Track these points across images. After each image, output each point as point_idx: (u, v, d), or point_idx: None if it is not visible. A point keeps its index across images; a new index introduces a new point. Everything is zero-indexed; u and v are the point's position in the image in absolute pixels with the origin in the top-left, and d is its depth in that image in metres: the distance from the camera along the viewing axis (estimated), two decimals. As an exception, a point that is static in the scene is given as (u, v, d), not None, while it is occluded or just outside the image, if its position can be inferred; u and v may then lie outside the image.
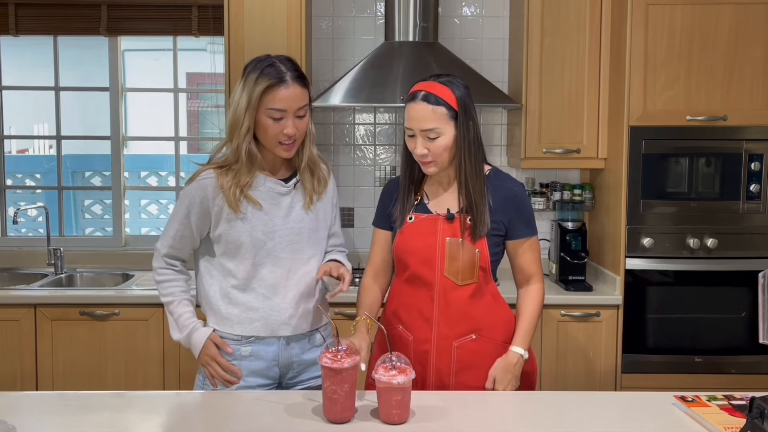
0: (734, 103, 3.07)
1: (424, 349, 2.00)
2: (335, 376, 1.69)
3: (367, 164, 3.71)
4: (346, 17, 3.66)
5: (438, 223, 2.01)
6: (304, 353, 2.06)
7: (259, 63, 1.95)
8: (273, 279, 2.00)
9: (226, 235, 1.99)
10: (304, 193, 2.04)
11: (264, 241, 1.98)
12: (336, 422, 1.71)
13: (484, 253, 1.99)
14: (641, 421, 1.76)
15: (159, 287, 2.07)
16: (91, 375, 3.12)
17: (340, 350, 1.72)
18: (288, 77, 1.92)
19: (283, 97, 1.91)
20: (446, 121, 1.93)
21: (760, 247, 3.12)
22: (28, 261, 3.70)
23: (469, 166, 1.97)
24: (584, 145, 3.33)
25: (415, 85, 2.00)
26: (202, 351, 1.99)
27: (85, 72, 4.10)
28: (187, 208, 2.00)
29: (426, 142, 1.94)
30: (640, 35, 3.05)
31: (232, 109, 1.95)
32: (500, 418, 1.78)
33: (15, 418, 1.69)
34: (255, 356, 2.01)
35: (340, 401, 1.70)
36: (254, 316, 2.00)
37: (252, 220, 1.98)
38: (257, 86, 1.91)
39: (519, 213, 2.03)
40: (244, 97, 1.92)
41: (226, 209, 1.97)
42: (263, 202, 1.99)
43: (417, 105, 1.94)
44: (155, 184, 5.67)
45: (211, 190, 1.98)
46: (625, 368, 3.15)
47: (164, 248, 2.06)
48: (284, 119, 1.92)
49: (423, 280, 2.00)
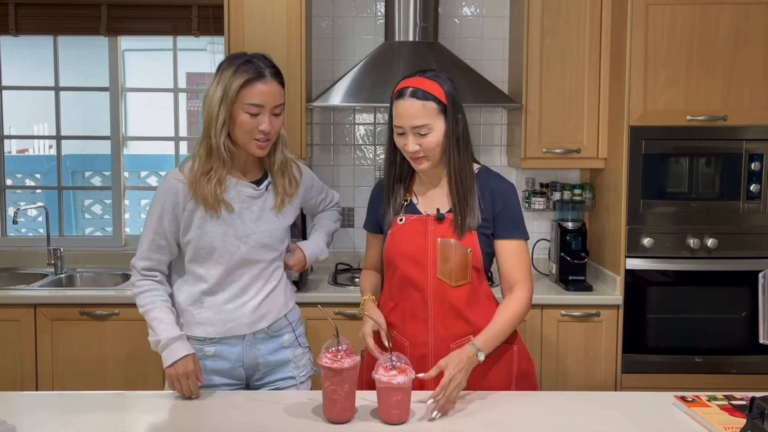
0: (734, 103, 3.07)
1: (422, 353, 1.97)
2: (335, 376, 1.69)
3: (367, 164, 3.71)
4: (346, 17, 3.66)
5: (428, 224, 1.98)
6: (270, 354, 2.05)
7: (235, 59, 1.93)
8: (246, 280, 1.99)
9: (197, 240, 1.95)
10: (276, 195, 2.02)
11: (237, 245, 1.96)
12: (336, 422, 1.71)
13: (476, 252, 1.96)
14: (641, 421, 1.76)
15: (138, 299, 1.99)
16: (91, 375, 3.12)
17: (340, 350, 1.72)
18: (267, 72, 1.90)
19: (262, 91, 1.88)
20: (436, 115, 1.91)
21: (760, 247, 3.12)
22: (28, 261, 3.70)
23: (458, 160, 1.95)
24: (584, 145, 3.33)
25: (400, 82, 1.97)
26: (180, 361, 1.90)
27: (85, 72, 4.10)
28: (160, 214, 1.95)
29: (417, 138, 1.91)
30: (640, 35, 3.05)
31: (206, 105, 1.91)
32: (500, 418, 1.78)
33: (15, 418, 1.69)
34: (219, 356, 2.00)
35: (340, 401, 1.70)
36: (228, 317, 1.99)
37: (224, 225, 1.94)
38: (234, 80, 1.87)
39: (505, 211, 1.99)
40: (219, 91, 1.88)
41: (198, 213, 1.93)
42: (235, 206, 1.96)
43: (406, 102, 1.91)
44: (155, 184, 5.67)
45: (182, 193, 1.93)
46: (625, 368, 3.15)
47: (140, 262, 1.99)
48: (261, 115, 1.89)
49: (415, 283, 1.98)
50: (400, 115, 1.92)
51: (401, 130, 1.93)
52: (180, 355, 1.91)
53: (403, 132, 1.93)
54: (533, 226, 3.65)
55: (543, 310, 3.13)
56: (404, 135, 1.93)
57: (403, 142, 1.94)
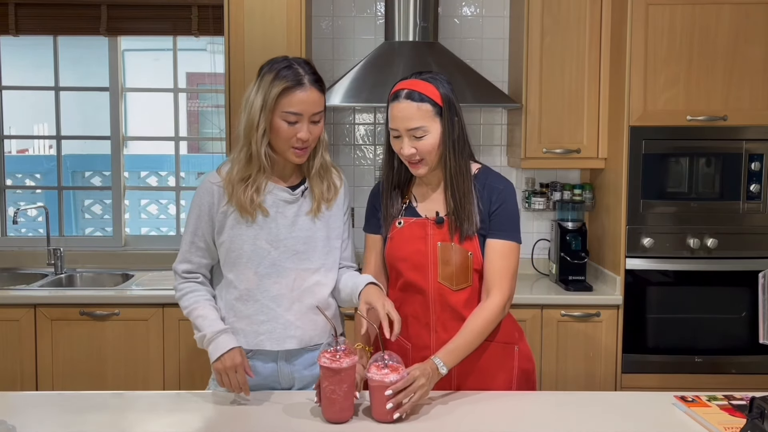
0: (734, 103, 3.07)
1: (424, 356, 1.94)
2: (334, 376, 1.69)
3: (367, 164, 3.71)
4: (346, 17, 3.66)
5: (428, 228, 1.96)
6: (306, 369, 1.97)
7: (276, 64, 1.87)
8: (277, 290, 1.91)
9: (228, 243, 1.91)
10: (312, 201, 1.95)
11: (268, 250, 1.90)
12: (335, 422, 1.71)
13: (476, 255, 1.94)
14: (641, 421, 1.76)
15: (181, 302, 1.95)
16: (91, 375, 3.12)
17: (339, 350, 1.71)
18: (306, 80, 1.85)
19: (300, 100, 1.83)
20: (432, 118, 1.87)
21: (760, 247, 3.12)
22: (28, 261, 3.70)
23: (454, 164, 1.91)
24: (584, 145, 3.33)
25: (396, 84, 1.94)
26: (227, 354, 1.84)
27: (85, 72, 4.10)
28: (197, 216, 1.94)
29: (413, 141, 1.88)
30: (640, 35, 3.05)
31: (247, 111, 1.87)
32: (500, 418, 1.78)
33: (15, 418, 1.69)
34: (253, 371, 1.92)
35: (338, 401, 1.70)
36: (260, 329, 1.92)
37: (256, 228, 1.90)
38: (273, 87, 1.83)
39: (499, 210, 1.95)
40: (259, 98, 1.84)
41: (231, 215, 1.90)
42: (269, 210, 1.91)
43: (401, 104, 1.88)
44: (155, 184, 5.68)
45: (216, 195, 1.91)
46: (625, 368, 3.15)
47: (180, 265, 1.97)
48: (299, 123, 1.85)
49: (417, 287, 1.96)
50: (395, 118, 1.90)
51: (397, 132, 1.90)
52: (226, 348, 1.85)
53: (399, 135, 1.90)
54: (533, 226, 3.65)
55: (543, 310, 3.13)
56: (400, 138, 1.90)
57: (399, 145, 1.91)
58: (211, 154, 3.86)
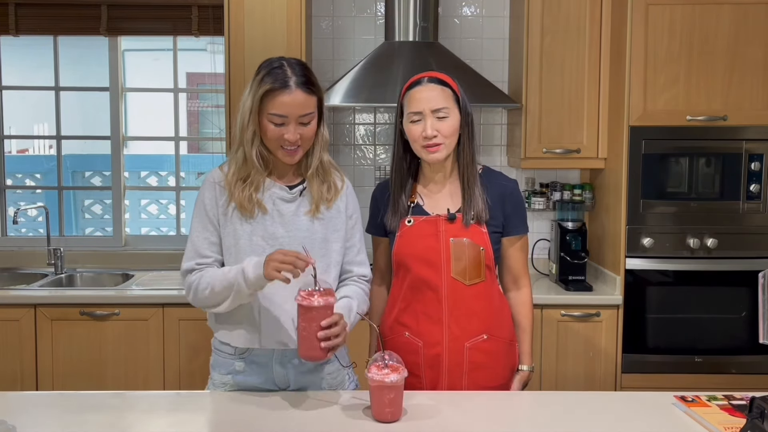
0: (734, 103, 3.07)
1: (436, 353, 1.98)
2: (306, 314, 1.71)
3: (367, 164, 3.71)
4: (346, 17, 3.66)
5: (440, 224, 1.99)
6: (302, 374, 1.95)
7: (266, 65, 1.88)
8: (271, 288, 1.87)
9: (227, 238, 1.91)
10: (311, 201, 1.94)
11: (263, 247, 1.89)
12: (307, 359, 1.76)
13: (488, 251, 1.98)
14: (641, 421, 1.76)
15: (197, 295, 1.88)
16: (91, 375, 3.12)
17: (316, 290, 1.72)
18: (291, 83, 1.83)
19: (283, 102, 1.82)
20: (453, 102, 1.97)
21: (760, 247, 3.12)
22: (28, 261, 3.70)
23: (468, 151, 2.00)
24: (584, 145, 3.33)
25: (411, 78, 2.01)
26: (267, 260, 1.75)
27: (85, 72, 4.10)
28: (203, 209, 1.93)
29: (435, 123, 1.94)
30: (640, 35, 3.05)
31: (240, 112, 1.89)
32: (500, 418, 1.78)
33: (15, 418, 1.69)
34: (248, 373, 1.93)
35: (309, 338, 1.71)
36: (252, 328, 1.91)
37: (253, 225, 1.90)
38: (259, 89, 1.83)
39: (514, 208, 2.05)
40: (249, 100, 1.85)
41: (231, 210, 1.91)
42: (267, 207, 1.91)
43: (425, 87, 1.96)
44: (155, 184, 5.67)
45: (218, 189, 1.92)
46: (625, 368, 3.15)
47: (186, 263, 1.92)
48: (285, 125, 1.84)
49: (428, 283, 1.98)
50: (419, 99, 1.95)
51: (419, 116, 1.95)
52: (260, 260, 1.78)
53: (420, 118, 1.95)
54: (533, 226, 3.64)
55: (543, 310, 3.13)
56: (421, 121, 1.95)
57: (420, 128, 1.94)
58: (211, 154, 3.87)
